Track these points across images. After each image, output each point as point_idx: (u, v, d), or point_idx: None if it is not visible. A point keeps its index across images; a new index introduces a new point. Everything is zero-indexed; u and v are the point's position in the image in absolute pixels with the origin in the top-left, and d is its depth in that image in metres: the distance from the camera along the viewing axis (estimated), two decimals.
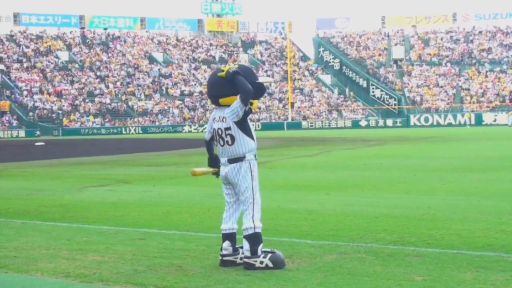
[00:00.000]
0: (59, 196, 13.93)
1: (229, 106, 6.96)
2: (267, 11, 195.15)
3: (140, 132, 79.69)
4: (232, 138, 6.97)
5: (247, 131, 6.99)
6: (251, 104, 7.00)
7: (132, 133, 78.84)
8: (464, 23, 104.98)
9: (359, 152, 29.17)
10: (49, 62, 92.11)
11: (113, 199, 13.13)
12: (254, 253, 6.83)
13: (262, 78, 7.23)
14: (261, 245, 6.88)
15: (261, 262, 6.77)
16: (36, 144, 48.45)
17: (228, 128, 6.97)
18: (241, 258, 6.97)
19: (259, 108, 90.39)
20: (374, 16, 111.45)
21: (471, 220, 9.52)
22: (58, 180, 18.20)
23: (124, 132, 79.50)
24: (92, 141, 56.71)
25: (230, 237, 7.08)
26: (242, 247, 7.02)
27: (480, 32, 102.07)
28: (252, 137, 7.03)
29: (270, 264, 6.73)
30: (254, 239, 6.87)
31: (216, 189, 12.44)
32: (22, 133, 76.17)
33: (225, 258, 7.00)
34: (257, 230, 6.90)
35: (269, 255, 6.78)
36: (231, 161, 7.01)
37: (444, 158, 23.51)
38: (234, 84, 6.91)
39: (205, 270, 6.72)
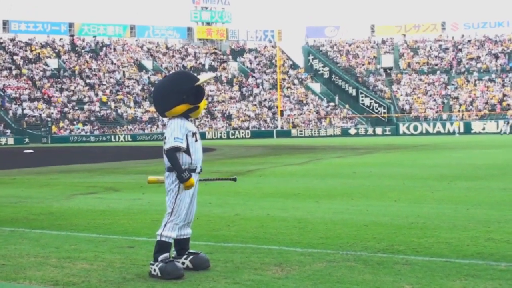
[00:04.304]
0: (47, 203, 13.88)
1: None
2: (256, 19, 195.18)
3: (130, 139, 79.58)
4: None
5: None
6: (198, 108, 7.05)
7: (122, 141, 78.73)
8: (453, 32, 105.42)
9: (349, 160, 29.20)
10: (38, 69, 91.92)
11: (102, 207, 13.09)
12: (155, 260, 6.93)
13: (202, 76, 7.24)
14: (165, 255, 6.92)
15: (154, 270, 6.84)
16: (25, 151, 48.31)
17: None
18: (182, 263, 7.07)
19: (249, 116, 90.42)
20: (364, 24, 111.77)
21: (460, 228, 9.54)
22: (47, 187, 18.14)
23: (113, 139, 79.37)
24: (81, 148, 56.60)
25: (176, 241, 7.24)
26: (190, 252, 7.20)
27: (469, 41, 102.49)
28: None
29: (159, 274, 6.79)
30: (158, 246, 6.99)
31: (205, 197, 12.45)
32: (10, 141, 75.91)
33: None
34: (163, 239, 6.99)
35: (160, 264, 6.81)
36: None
37: (433, 166, 23.55)
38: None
39: (194, 279, 6.71)
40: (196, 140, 7.06)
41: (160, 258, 6.85)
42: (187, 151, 6.97)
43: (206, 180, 7.78)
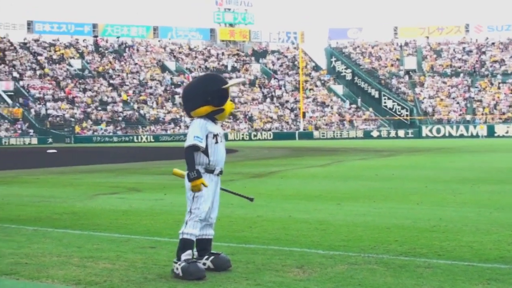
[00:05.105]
0: (70, 203, 13.95)
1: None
2: (279, 21, 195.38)
3: (152, 140, 79.86)
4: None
5: None
6: (223, 110, 7.11)
7: (144, 142, 79.03)
8: (477, 35, 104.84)
9: (371, 162, 29.12)
10: (62, 70, 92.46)
11: (125, 207, 13.14)
12: (178, 258, 6.94)
13: (232, 81, 7.33)
14: (187, 252, 6.93)
15: (177, 269, 6.86)
16: (48, 151, 48.61)
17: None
18: (203, 264, 7.06)
19: (271, 117, 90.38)
20: (387, 26, 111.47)
21: (482, 232, 9.48)
22: (69, 187, 18.24)
23: (136, 140, 79.70)
24: (104, 149, 56.83)
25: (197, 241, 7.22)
26: (211, 252, 7.19)
27: (493, 43, 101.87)
28: None
29: (181, 274, 6.79)
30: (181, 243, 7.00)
31: (227, 198, 12.45)
32: (34, 140, 76.44)
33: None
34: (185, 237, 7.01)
35: (183, 264, 6.81)
36: None
37: (456, 169, 23.43)
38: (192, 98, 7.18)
39: (215, 279, 6.71)
40: (217, 142, 7.10)
41: (183, 257, 6.87)
42: (206, 152, 7.02)
43: (225, 190, 7.80)
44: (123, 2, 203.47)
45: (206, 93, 7.04)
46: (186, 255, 6.89)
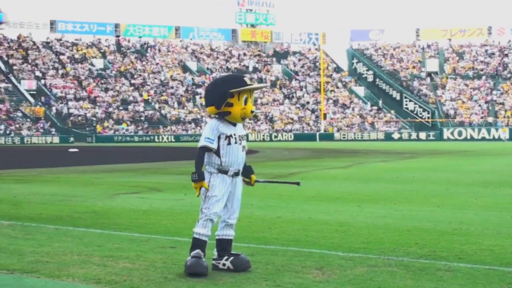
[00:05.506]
0: (91, 202, 14.01)
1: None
2: (301, 22, 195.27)
3: (173, 140, 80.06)
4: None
5: None
6: (229, 113, 7.02)
7: (165, 141, 79.23)
8: (500, 37, 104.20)
9: (392, 164, 29.03)
10: (84, 69, 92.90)
11: (145, 206, 13.17)
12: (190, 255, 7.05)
13: (254, 85, 7.30)
14: (196, 251, 6.98)
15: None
16: (70, 150, 48.84)
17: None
18: (223, 264, 7.11)
19: (292, 119, 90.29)
20: (409, 28, 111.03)
21: (504, 235, 9.42)
22: (90, 186, 18.31)
23: (157, 140, 79.95)
24: (125, 148, 57.02)
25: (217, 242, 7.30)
26: (231, 253, 7.21)
27: None
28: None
29: (184, 268, 6.94)
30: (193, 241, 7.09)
31: (246, 199, 12.47)
32: (56, 139, 76.85)
33: (212, 262, 7.22)
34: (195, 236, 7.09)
35: (192, 259, 6.91)
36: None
37: (477, 172, 23.31)
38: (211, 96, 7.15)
39: (235, 280, 6.72)
40: (229, 143, 7.08)
41: (192, 254, 6.96)
42: (217, 153, 7.03)
43: (269, 182, 7.80)
44: (145, 2, 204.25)
45: (216, 94, 7.03)
46: (195, 253, 6.97)
